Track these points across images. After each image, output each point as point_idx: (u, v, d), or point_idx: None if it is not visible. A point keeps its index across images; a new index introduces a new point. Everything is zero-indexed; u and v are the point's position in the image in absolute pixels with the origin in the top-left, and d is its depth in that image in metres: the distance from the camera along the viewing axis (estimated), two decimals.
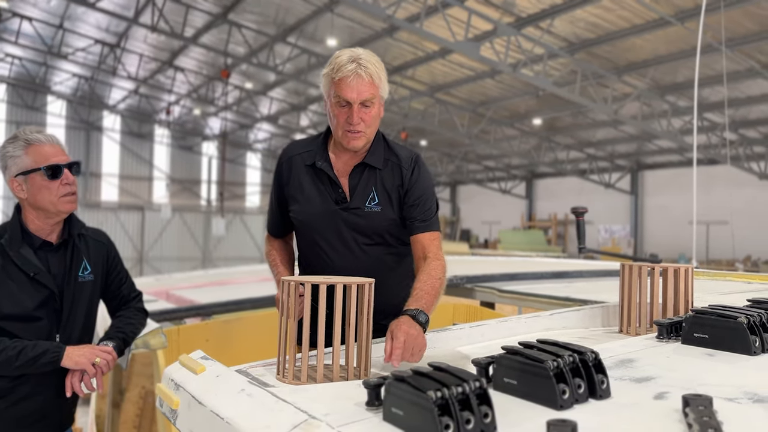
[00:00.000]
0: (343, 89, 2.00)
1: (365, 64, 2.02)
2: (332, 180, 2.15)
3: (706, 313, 1.60)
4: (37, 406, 2.18)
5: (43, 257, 2.21)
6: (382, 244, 2.19)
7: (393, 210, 2.15)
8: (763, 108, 16.69)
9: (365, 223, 2.13)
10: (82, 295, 2.28)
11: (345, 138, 2.06)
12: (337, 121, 2.05)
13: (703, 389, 1.20)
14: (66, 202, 2.20)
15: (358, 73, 1.99)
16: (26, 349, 2.06)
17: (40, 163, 2.16)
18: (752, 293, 2.76)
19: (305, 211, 2.17)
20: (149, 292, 4.60)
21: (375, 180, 2.15)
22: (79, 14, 17.64)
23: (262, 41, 16.81)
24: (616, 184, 25.59)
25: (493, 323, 2.07)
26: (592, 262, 5.23)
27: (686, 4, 11.29)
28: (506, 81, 17.02)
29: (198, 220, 31.46)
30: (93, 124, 28.34)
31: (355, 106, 2.01)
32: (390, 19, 12.04)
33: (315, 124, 24.86)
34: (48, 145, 2.21)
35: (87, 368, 2.13)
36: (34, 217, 2.20)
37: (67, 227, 2.28)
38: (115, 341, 2.27)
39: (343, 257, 2.15)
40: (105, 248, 2.41)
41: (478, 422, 0.97)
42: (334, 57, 2.08)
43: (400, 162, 2.17)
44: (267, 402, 1.19)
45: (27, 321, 2.13)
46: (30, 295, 2.14)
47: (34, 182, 2.16)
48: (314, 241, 2.18)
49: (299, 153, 2.22)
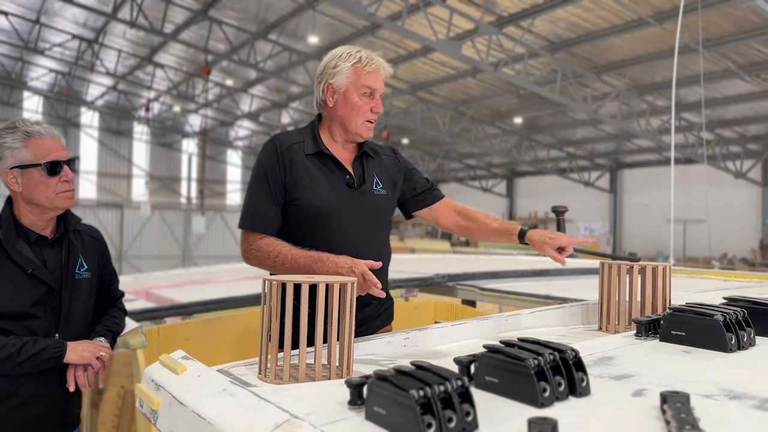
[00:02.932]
0: (373, 80, 2.20)
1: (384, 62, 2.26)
2: (340, 166, 2.22)
3: (683, 311, 1.63)
4: (40, 409, 2.10)
5: (39, 252, 2.11)
6: (384, 229, 2.35)
7: (394, 194, 2.36)
8: (739, 108, 16.98)
9: (375, 206, 2.26)
10: (81, 293, 2.19)
11: (364, 127, 2.23)
12: (360, 111, 2.20)
13: (680, 386, 1.22)
14: (64, 198, 2.11)
15: (386, 67, 2.24)
16: (27, 345, 1.98)
17: (41, 158, 2.06)
18: (728, 291, 2.80)
19: (319, 196, 2.15)
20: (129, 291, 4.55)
21: (374, 167, 2.31)
22: (56, 9, 17.38)
23: (243, 38, 16.71)
24: (595, 182, 25.87)
25: (475, 321, 2.08)
26: (571, 260, 5.28)
27: (664, 5, 11.44)
28: (487, 80, 17.10)
29: (178, 218, 31.19)
30: (70, 120, 27.94)
31: (377, 95, 2.22)
32: (372, 17, 12.03)
33: (296, 121, 24.75)
34: (49, 139, 2.10)
35: (92, 362, 2.08)
36: (27, 211, 2.10)
37: (62, 222, 2.19)
38: (108, 338, 2.22)
39: (356, 241, 2.16)
40: (100, 245, 2.32)
41: (460, 420, 0.98)
42: (353, 51, 2.22)
43: (385, 151, 2.42)
44: (249, 402, 1.18)
45: (25, 319, 2.04)
46: (28, 292, 2.05)
47: (32, 177, 2.06)
48: (326, 227, 2.16)
49: (296, 142, 2.21)
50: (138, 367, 2.62)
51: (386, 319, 2.41)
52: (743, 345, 1.54)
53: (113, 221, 29.48)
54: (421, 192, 2.46)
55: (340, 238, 2.14)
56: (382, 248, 2.31)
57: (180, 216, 31.24)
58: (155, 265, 28.82)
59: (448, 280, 3.93)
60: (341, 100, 2.21)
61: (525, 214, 28.49)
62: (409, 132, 24.08)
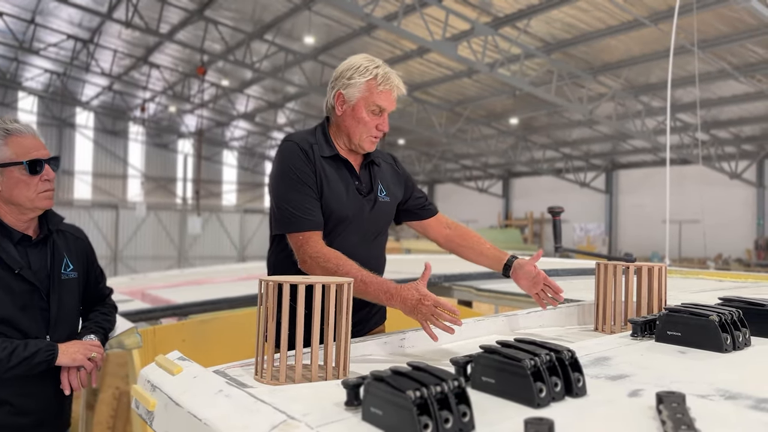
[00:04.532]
0: (385, 99, 2.20)
1: (400, 81, 2.26)
2: (352, 171, 2.24)
3: (679, 312, 1.63)
4: (35, 414, 2.07)
5: (23, 253, 2.06)
6: (384, 233, 2.37)
7: (395, 201, 2.38)
8: (734, 109, 17.03)
9: (380, 213, 2.29)
10: (68, 293, 2.16)
11: (368, 141, 2.23)
12: (366, 126, 2.20)
13: (676, 386, 1.22)
14: (44, 198, 2.07)
15: (399, 87, 2.24)
16: (18, 349, 1.94)
17: (21, 157, 2.02)
18: (724, 291, 2.81)
19: (336, 200, 2.16)
20: (124, 292, 4.54)
21: (378, 174, 2.33)
22: (51, 9, 17.32)
23: (239, 38, 16.68)
24: (591, 183, 25.91)
25: (471, 322, 2.08)
26: (567, 261, 5.28)
27: (659, 6, 11.47)
28: (483, 80, 17.12)
29: (173, 219, 31.11)
30: (65, 120, 27.85)
31: (385, 114, 2.23)
32: (368, 18, 12.03)
33: (292, 121, 24.74)
34: (30, 137, 2.06)
35: (84, 363, 2.06)
36: (6, 211, 2.05)
37: (45, 222, 2.14)
38: (98, 335, 2.19)
39: (360, 247, 2.18)
40: (84, 244, 2.29)
41: (456, 421, 0.98)
42: (371, 65, 2.20)
43: (385, 158, 2.44)
44: (245, 403, 1.18)
45: (14, 322, 2.00)
46: (14, 293, 2.01)
47: (12, 176, 2.01)
48: (336, 231, 2.17)
49: (312, 144, 2.21)
50: (133, 368, 2.61)
51: (380, 319, 2.42)
52: (738, 345, 1.55)
53: (108, 222, 29.39)
54: (420, 207, 2.49)
55: (346, 243, 2.14)
56: (381, 253, 2.35)
57: (175, 216, 31.16)
58: (151, 265, 28.74)
59: (444, 280, 3.93)
60: (349, 112, 2.21)
61: (521, 215, 28.52)
62: (405, 132, 24.09)
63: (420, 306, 1.76)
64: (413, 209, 2.48)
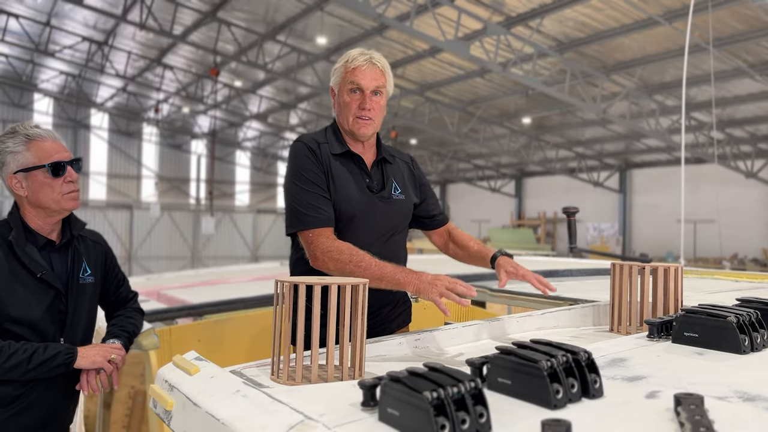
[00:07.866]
0: (357, 75, 2.17)
1: (377, 57, 2.23)
2: (363, 168, 2.24)
3: (696, 313, 1.62)
4: (40, 414, 2.09)
5: (47, 257, 2.11)
6: (401, 232, 2.36)
7: (411, 199, 2.36)
8: (750, 107, 16.86)
9: (394, 211, 2.28)
10: (85, 297, 2.19)
11: (356, 124, 2.19)
12: (349, 108, 2.19)
13: (694, 388, 1.21)
14: (70, 199, 2.11)
15: (372, 62, 2.19)
16: (38, 352, 1.97)
17: (43, 160, 2.07)
18: (740, 292, 2.79)
19: (346, 197, 2.17)
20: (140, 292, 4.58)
21: (392, 172, 2.32)
22: (67, 11, 17.50)
23: (252, 39, 16.75)
24: (604, 182, 25.75)
25: (485, 323, 2.08)
26: (581, 261, 5.26)
27: (674, 5, 11.38)
28: (496, 80, 17.07)
29: (187, 219, 31.32)
30: (80, 122, 28.12)
31: (367, 92, 2.18)
32: (380, 18, 12.03)
33: (305, 122, 24.81)
34: (50, 141, 2.11)
35: (104, 366, 2.08)
36: (33, 215, 2.10)
37: (68, 227, 2.18)
38: (121, 339, 2.22)
39: (372, 245, 2.16)
40: (103, 250, 2.32)
41: (473, 422, 0.98)
42: (354, 51, 2.25)
43: (403, 157, 2.44)
44: (262, 403, 1.19)
45: (34, 323, 2.03)
46: (37, 296, 2.05)
47: (36, 180, 2.06)
48: (346, 229, 2.17)
49: (322, 143, 2.23)
50: (150, 368, 2.63)
51: (403, 321, 2.41)
52: (756, 347, 1.53)
53: (123, 222, 29.64)
54: (432, 216, 2.49)
55: (358, 241, 2.13)
56: (398, 251, 2.33)
57: (189, 217, 31.37)
58: (164, 265, 28.97)
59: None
60: (336, 100, 2.26)
61: (534, 215, 28.40)
62: (417, 132, 24.08)
63: (435, 281, 1.83)
64: (426, 219, 2.48)
